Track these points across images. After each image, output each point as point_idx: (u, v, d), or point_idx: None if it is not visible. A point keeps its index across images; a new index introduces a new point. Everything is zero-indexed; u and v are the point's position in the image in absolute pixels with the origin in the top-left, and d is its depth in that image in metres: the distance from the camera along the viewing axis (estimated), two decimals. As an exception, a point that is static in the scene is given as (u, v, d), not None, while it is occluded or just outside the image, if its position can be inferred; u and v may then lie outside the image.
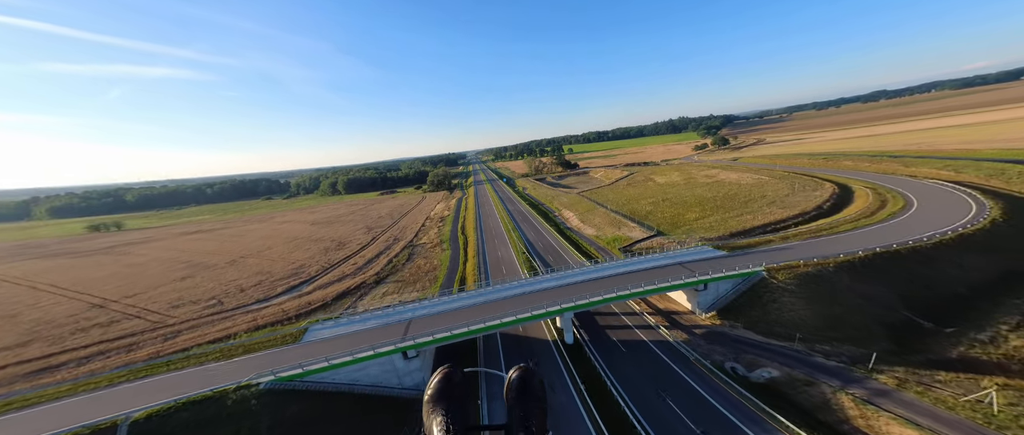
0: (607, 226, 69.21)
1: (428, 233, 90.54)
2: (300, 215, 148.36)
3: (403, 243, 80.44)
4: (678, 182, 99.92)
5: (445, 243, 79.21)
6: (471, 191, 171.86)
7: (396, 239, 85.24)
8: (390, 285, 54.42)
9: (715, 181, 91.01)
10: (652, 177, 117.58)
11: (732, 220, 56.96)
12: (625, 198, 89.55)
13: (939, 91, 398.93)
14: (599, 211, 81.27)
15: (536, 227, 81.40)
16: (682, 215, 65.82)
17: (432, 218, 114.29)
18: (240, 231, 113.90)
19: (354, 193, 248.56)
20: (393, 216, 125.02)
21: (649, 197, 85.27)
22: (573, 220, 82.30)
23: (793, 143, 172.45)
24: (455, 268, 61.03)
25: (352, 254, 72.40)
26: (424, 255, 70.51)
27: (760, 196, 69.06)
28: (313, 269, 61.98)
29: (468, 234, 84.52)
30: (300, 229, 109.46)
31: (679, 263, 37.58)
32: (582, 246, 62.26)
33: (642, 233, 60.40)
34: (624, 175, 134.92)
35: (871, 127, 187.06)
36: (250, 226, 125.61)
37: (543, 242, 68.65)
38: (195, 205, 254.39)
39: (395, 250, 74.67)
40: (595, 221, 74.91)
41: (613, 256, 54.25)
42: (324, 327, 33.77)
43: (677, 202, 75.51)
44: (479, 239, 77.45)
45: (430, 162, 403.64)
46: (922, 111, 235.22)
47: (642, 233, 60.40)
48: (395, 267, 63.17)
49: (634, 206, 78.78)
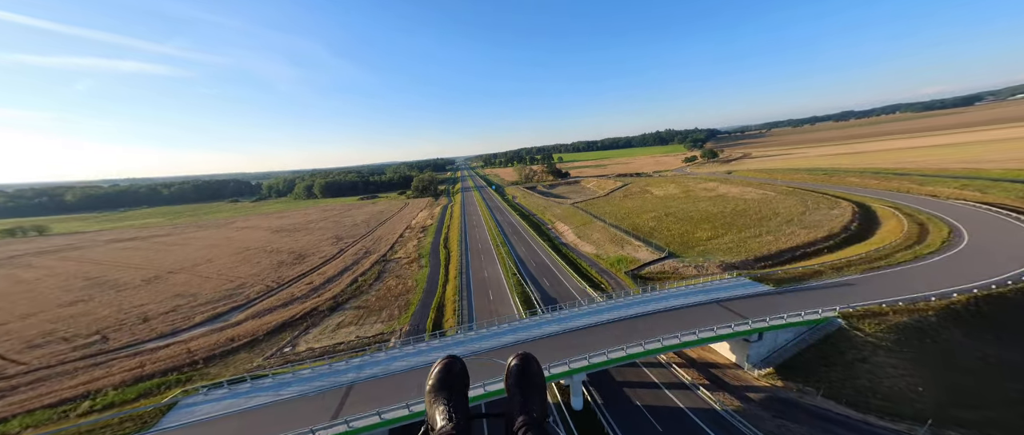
0: (608, 243, 61.21)
1: (406, 245, 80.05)
2: (264, 221, 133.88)
3: (375, 257, 69.69)
4: (677, 195, 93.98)
5: (424, 258, 69.10)
6: (458, 198, 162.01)
7: (367, 252, 74.33)
8: (348, 313, 43.94)
9: (717, 195, 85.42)
10: (648, 189, 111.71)
11: (752, 241, 50.09)
12: (623, 211, 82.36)
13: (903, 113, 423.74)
14: (597, 225, 73.45)
15: (528, 242, 72.59)
16: (691, 233, 58.73)
17: (413, 228, 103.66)
18: (185, 238, 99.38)
19: (332, 197, 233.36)
20: (369, 224, 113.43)
21: (649, 211, 78.37)
22: (568, 234, 74.04)
23: (782, 158, 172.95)
24: (433, 291, 51.09)
25: (310, 270, 61.14)
26: (397, 273, 60.16)
27: (772, 213, 63.11)
28: (255, 289, 50.60)
29: (451, 248, 74.70)
30: (258, 237, 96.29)
31: (715, 300, 29.55)
32: (581, 267, 53.78)
33: (650, 253, 52.61)
34: (618, 186, 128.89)
35: (855, 144, 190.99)
36: (200, 233, 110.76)
37: (536, 260, 59.79)
38: (148, 207, 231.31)
39: (364, 266, 63.91)
40: (593, 237, 66.90)
41: (620, 282, 46.00)
42: (208, 399, 22.63)
43: (682, 217, 68.71)
44: (463, 254, 67.78)
45: (417, 167, 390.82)
46: (897, 130, 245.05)
47: (650, 253, 52.61)
48: (360, 288, 52.60)
49: (635, 221, 71.42)
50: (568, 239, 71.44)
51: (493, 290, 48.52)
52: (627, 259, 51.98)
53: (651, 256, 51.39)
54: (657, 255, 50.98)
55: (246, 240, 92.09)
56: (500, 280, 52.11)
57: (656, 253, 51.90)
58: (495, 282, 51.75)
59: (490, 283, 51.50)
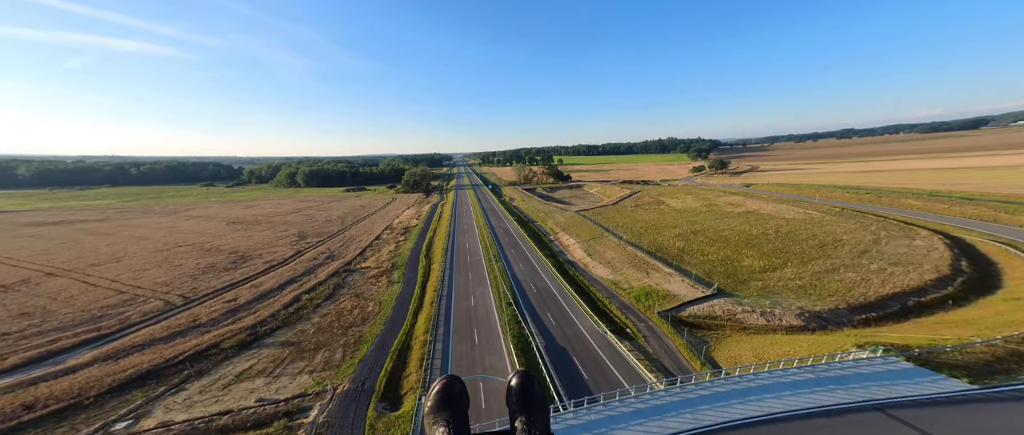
0: (627, 267, 48.44)
1: (380, 251, 66.35)
2: (226, 209, 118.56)
3: (337, 265, 55.95)
4: (699, 209, 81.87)
5: (398, 270, 55.63)
6: (451, 196, 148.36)
7: (330, 257, 60.48)
8: (265, 353, 30.44)
9: (747, 212, 73.47)
10: (663, 200, 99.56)
11: (827, 278, 37.81)
12: (639, 225, 69.81)
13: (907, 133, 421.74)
14: (609, 240, 60.72)
15: (527, 256, 59.51)
16: (734, 260, 46.37)
17: (394, 228, 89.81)
18: (120, 226, 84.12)
19: (316, 187, 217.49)
20: (345, 221, 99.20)
21: (671, 226, 65.95)
22: (575, 250, 61.14)
23: (797, 172, 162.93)
24: (398, 322, 37.78)
25: (244, 279, 47.19)
26: (358, 290, 46.61)
27: (831, 240, 51.05)
28: (147, 307, 36.63)
29: (434, 258, 61.30)
30: (206, 230, 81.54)
31: (871, 403, 16.91)
32: (596, 298, 40.96)
33: (687, 286, 40.00)
34: (627, 194, 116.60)
35: (875, 162, 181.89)
36: (142, 220, 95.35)
37: (537, 284, 46.75)
38: (110, 186, 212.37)
39: (318, 276, 50.16)
40: (607, 255, 54.11)
41: (653, 327, 33.23)
42: None
43: (714, 238, 56.39)
44: (447, 268, 54.45)
45: (412, 161, 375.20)
46: (912, 150, 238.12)
47: (687, 286, 40.00)
48: (301, 311, 38.98)
49: (656, 238, 58.89)
50: (575, 256, 58.53)
51: (481, 328, 35.37)
52: (657, 293, 39.25)
53: (691, 291, 38.74)
54: (700, 291, 38.36)
55: (188, 233, 77.30)
56: (490, 312, 38.95)
57: (697, 287, 39.28)
58: (484, 315, 38.58)
59: (477, 316, 38.34)
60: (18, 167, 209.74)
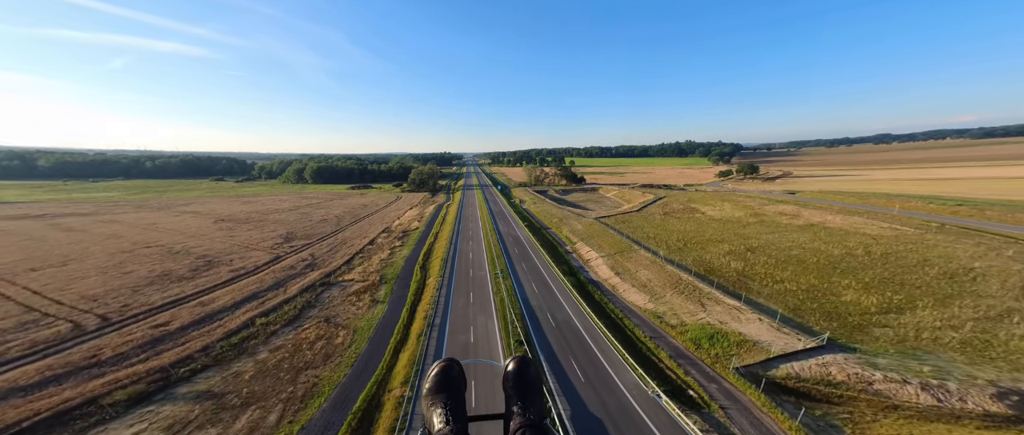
0: (671, 293, 37.76)
1: (370, 259, 57.58)
2: (224, 205, 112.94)
3: (315, 276, 47.28)
4: (743, 219, 69.79)
5: (386, 285, 46.58)
6: (457, 197, 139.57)
7: (311, 266, 51.97)
8: (166, 413, 21.40)
9: (810, 224, 61.14)
10: (696, 207, 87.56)
11: (1004, 330, 26.27)
12: (676, 237, 58.67)
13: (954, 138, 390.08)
14: (640, 255, 49.99)
15: (540, 272, 49.44)
16: (827, 291, 35.02)
17: (392, 231, 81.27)
18: (99, 222, 78.37)
19: (323, 184, 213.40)
20: (342, 221, 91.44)
21: (716, 240, 54.62)
22: (598, 265, 50.67)
23: (842, 179, 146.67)
24: (370, 365, 28.46)
25: (195, 294, 38.82)
26: (331, 311, 37.59)
27: (961, 268, 38.07)
28: (40, 335, 28.27)
29: (431, 270, 52.06)
30: (190, 227, 74.80)
31: None
32: (637, 338, 30.69)
33: (772, 330, 29.15)
34: (651, 199, 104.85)
35: (932, 169, 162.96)
36: (133, 214, 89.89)
37: (557, 314, 36.64)
38: (123, 179, 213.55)
39: (288, 292, 41.46)
40: (640, 276, 43.48)
41: (735, 393, 22.64)
42: None
43: (782, 258, 44.83)
44: (444, 285, 45.00)
45: (422, 159, 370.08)
46: (973, 156, 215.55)
47: (772, 330, 29.15)
48: (246, 342, 30.08)
49: (702, 255, 47.80)
50: (599, 274, 48.06)
51: (480, 382, 25.51)
52: (725, 336, 28.58)
53: (779, 337, 27.89)
54: (795, 338, 27.45)
55: (167, 231, 70.53)
56: (495, 355, 29.15)
57: (789, 332, 28.34)
58: (486, 359, 28.80)
59: (477, 360, 28.58)
60: (39, 159, 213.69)
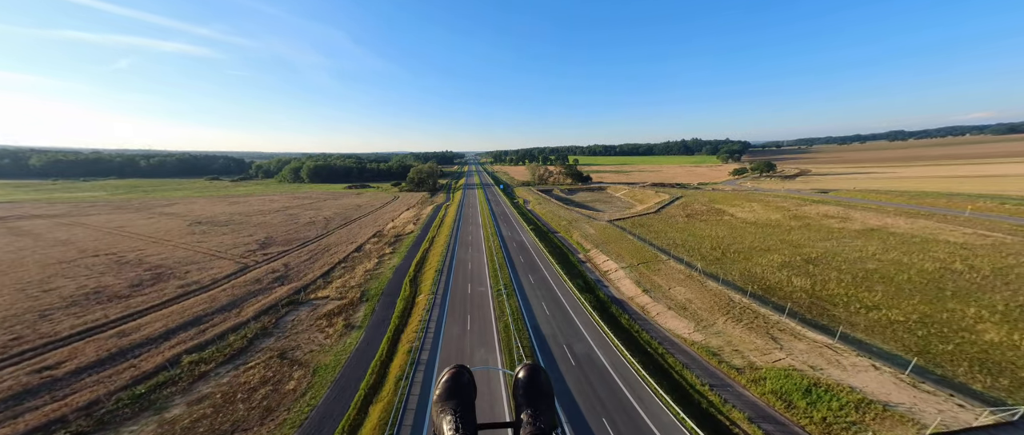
0: (722, 318, 29.67)
1: (354, 270, 50.02)
2: (208, 206, 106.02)
3: (283, 292, 39.72)
4: (783, 223, 61.19)
5: (367, 303, 38.99)
6: (458, 196, 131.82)
7: (281, 278, 44.39)
8: None
9: (869, 229, 52.46)
10: (720, 208, 79.05)
11: None
12: (709, 244, 50.42)
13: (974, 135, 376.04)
14: (670, 268, 41.93)
15: (551, 287, 41.47)
16: (942, 319, 26.80)
17: (384, 235, 73.77)
18: (62, 224, 71.42)
19: (319, 183, 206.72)
20: (330, 224, 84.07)
21: (760, 248, 46.34)
22: (619, 279, 42.63)
23: (868, 176, 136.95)
24: (322, 432, 20.56)
25: (120, 319, 31.30)
26: (291, 342, 29.91)
27: None
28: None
29: (423, 284, 44.42)
30: (161, 230, 67.66)
31: None
32: (684, 382, 22.82)
33: (907, 387, 21.02)
34: (667, 200, 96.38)
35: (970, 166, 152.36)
36: (105, 216, 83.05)
37: (577, 346, 28.67)
38: (117, 178, 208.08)
39: (242, 314, 33.87)
40: (677, 295, 35.41)
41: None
42: None
43: (856, 273, 36.27)
44: (437, 305, 37.27)
45: (423, 158, 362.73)
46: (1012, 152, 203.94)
47: (907, 387, 21.02)
48: (159, 390, 22.44)
49: (748, 267, 39.60)
50: (623, 290, 40.01)
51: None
52: (832, 392, 20.55)
53: (915, 397, 19.78)
54: (959, 406, 19.25)
55: (131, 236, 63.38)
56: (498, 412, 21.30)
57: (941, 395, 20.16)
58: (487, 416, 20.71)
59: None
60: (31, 157, 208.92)
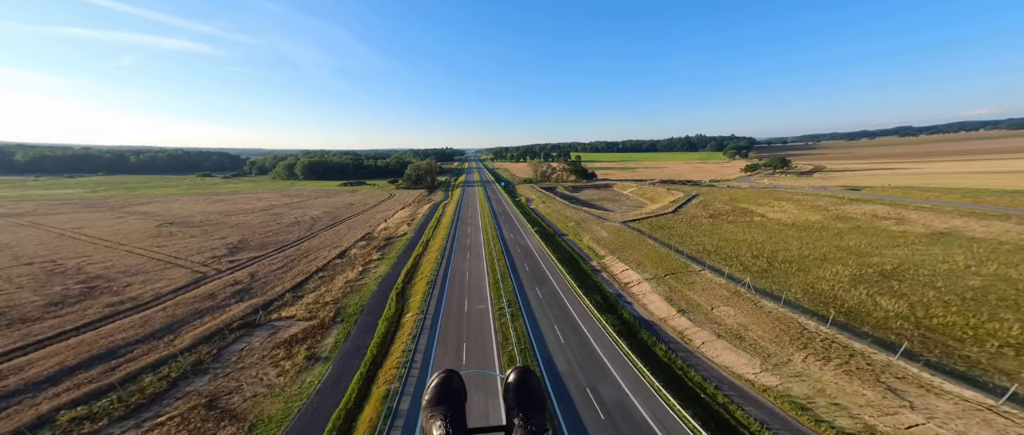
0: (798, 354, 22.53)
1: (334, 279, 43.06)
2: (189, 204, 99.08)
3: (239, 310, 32.71)
4: (825, 224, 53.70)
5: (342, 325, 32.14)
6: (457, 195, 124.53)
7: (244, 291, 37.39)
8: None
9: (935, 232, 45.14)
10: (747, 207, 71.66)
11: None
12: (748, 251, 43.13)
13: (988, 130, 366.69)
14: (708, 280, 34.80)
15: (563, 304, 34.34)
16: None
17: (374, 237, 66.76)
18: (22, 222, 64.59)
19: (313, 180, 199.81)
20: (317, 224, 77.12)
21: (814, 256, 39.04)
22: (647, 295, 35.51)
23: (891, 173, 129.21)
24: None
25: (11, 351, 24.26)
26: (234, 380, 22.87)
27: None
28: None
29: (412, 297, 37.64)
30: (122, 233, 60.76)
31: None
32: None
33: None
34: (683, 198, 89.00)
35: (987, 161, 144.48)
36: (68, 216, 76.20)
37: (607, 391, 21.52)
38: (105, 174, 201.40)
39: (177, 341, 26.84)
40: (723, 317, 28.26)
41: None
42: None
43: (965, 292, 28.57)
44: (428, 325, 30.39)
45: (423, 155, 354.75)
46: (1010, 148, 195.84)
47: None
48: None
49: (811, 283, 32.34)
50: (652, 309, 32.88)
51: None
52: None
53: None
54: None
55: (92, 237, 56.50)
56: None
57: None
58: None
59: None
60: (16, 153, 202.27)
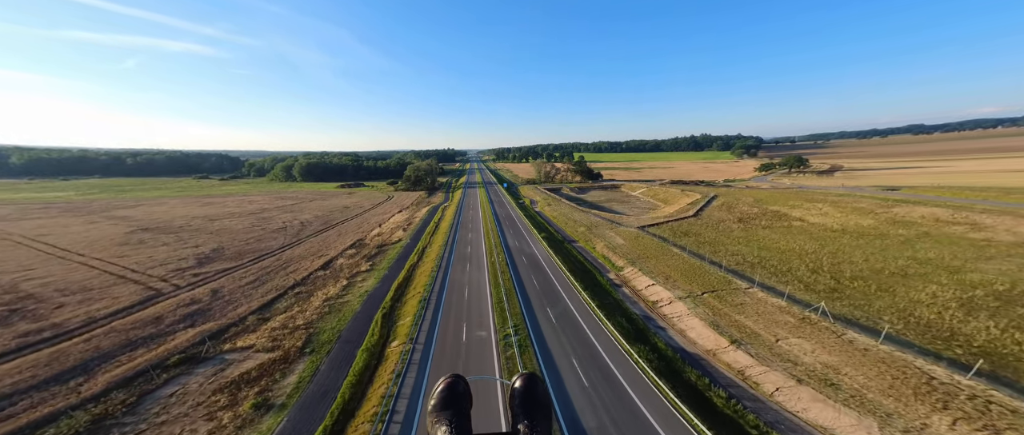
0: (931, 412, 15.95)
1: (312, 297, 37.05)
2: (176, 208, 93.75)
3: (189, 337, 26.54)
4: (883, 230, 46.47)
5: (311, 355, 26.00)
6: (457, 196, 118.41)
7: (199, 313, 31.26)
8: None
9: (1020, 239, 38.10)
10: (779, 210, 64.75)
11: None
12: (802, 262, 36.40)
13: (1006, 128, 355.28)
14: (760, 301, 28.27)
15: (581, 330, 27.83)
16: None
17: (367, 243, 60.83)
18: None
19: (313, 182, 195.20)
20: (306, 229, 71.33)
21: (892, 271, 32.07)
22: (683, 319, 28.94)
23: (919, 172, 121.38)
24: None
25: None
26: None
27: None
28: None
29: (401, 319, 31.60)
30: (92, 238, 55.22)
31: None
32: None
33: None
34: (702, 201, 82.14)
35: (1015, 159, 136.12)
36: (36, 221, 70.94)
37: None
38: (101, 177, 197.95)
39: (88, 386, 20.61)
40: (795, 351, 21.69)
41: None
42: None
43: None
44: (417, 361, 24.03)
45: (424, 155, 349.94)
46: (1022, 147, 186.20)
47: None
48: None
49: (909, 308, 25.55)
50: (695, 337, 26.33)
51: None
52: None
53: None
54: None
55: (52, 244, 50.95)
56: None
57: None
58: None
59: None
60: (11, 156, 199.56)
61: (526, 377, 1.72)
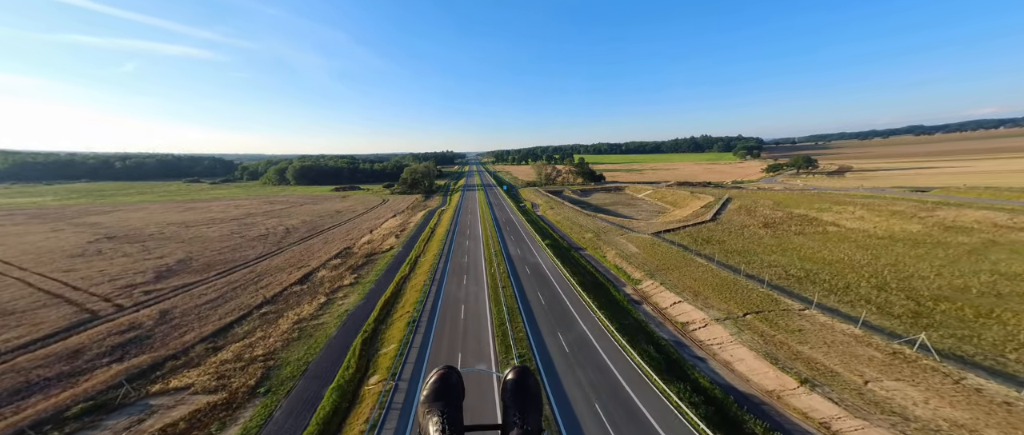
0: None
1: (281, 318, 31.43)
2: (155, 214, 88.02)
3: (110, 375, 20.77)
4: (937, 237, 40.98)
5: (272, 393, 20.17)
6: (455, 200, 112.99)
7: (136, 342, 25.56)
8: None
9: None
10: (806, 213, 59.47)
11: None
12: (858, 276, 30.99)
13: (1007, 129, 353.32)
14: (816, 325, 23.05)
15: (602, 363, 22.31)
16: None
17: (355, 252, 55.42)
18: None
19: (307, 185, 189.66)
20: (291, 236, 65.80)
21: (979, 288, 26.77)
22: (718, 342, 23.58)
23: (933, 173, 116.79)
24: None
25: None
26: None
27: None
28: None
29: (384, 346, 26.07)
30: (46, 248, 49.44)
31: None
32: None
33: None
34: (717, 204, 76.94)
35: None
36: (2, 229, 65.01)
37: None
38: (88, 181, 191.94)
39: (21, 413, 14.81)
40: (898, 399, 16.30)
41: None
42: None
43: None
44: (399, 406, 18.09)
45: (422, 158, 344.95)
46: None
47: None
48: None
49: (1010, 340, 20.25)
50: (744, 372, 20.86)
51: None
52: None
53: None
54: None
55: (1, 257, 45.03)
56: None
57: None
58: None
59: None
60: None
61: (518, 370, 1.74)
